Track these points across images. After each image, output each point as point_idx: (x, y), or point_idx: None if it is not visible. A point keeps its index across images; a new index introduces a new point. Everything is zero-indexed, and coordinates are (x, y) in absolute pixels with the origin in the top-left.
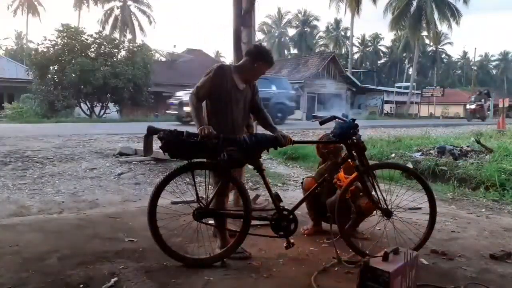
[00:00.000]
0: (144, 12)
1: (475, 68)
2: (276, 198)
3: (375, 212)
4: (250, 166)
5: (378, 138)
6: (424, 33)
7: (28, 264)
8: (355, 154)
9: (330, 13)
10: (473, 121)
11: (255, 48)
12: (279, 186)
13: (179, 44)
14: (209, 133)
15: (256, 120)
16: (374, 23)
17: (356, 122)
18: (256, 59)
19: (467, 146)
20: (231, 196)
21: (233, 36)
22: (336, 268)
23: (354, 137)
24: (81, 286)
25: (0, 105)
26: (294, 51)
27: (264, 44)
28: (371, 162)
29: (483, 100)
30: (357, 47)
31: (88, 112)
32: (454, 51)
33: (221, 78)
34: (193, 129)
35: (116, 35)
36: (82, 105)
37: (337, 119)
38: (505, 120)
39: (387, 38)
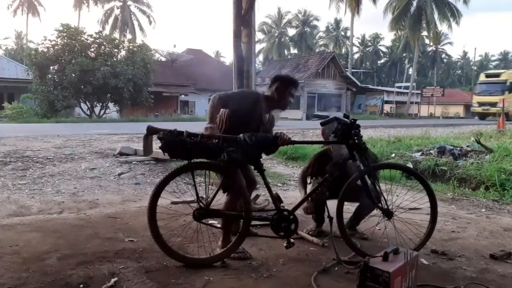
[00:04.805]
0: (144, 12)
1: (475, 68)
2: (276, 199)
3: (375, 212)
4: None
5: (378, 138)
6: (424, 33)
7: (28, 264)
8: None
9: (330, 13)
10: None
11: (277, 77)
12: (279, 186)
13: (179, 44)
14: (212, 134)
15: None
16: (374, 23)
17: (357, 122)
18: (284, 84)
19: (467, 146)
20: None
21: (233, 36)
22: (336, 268)
23: (355, 138)
24: (81, 286)
25: (0, 105)
26: (294, 51)
27: (264, 44)
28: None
29: None
30: (357, 47)
31: (88, 112)
32: (454, 51)
33: (253, 105)
34: (194, 129)
35: (116, 35)
36: (82, 105)
37: (338, 120)
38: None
39: (387, 38)
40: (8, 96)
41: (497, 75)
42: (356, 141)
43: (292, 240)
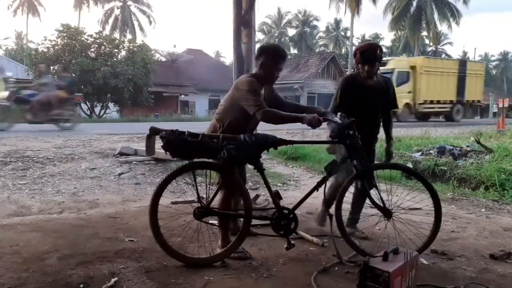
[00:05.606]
0: (144, 12)
1: None
2: (276, 196)
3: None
4: (250, 166)
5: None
6: (424, 33)
7: (28, 264)
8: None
9: (330, 13)
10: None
11: (263, 49)
12: (279, 186)
13: (179, 44)
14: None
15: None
16: (374, 23)
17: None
18: (271, 60)
19: (467, 146)
20: None
21: (233, 36)
22: (336, 268)
23: (351, 138)
24: (81, 286)
25: None
26: (294, 51)
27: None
28: None
29: None
30: None
31: (88, 112)
32: (454, 51)
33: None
34: (195, 129)
35: (116, 35)
36: (82, 105)
37: (336, 119)
38: (505, 120)
39: (387, 38)
40: None
41: (383, 64)
42: (354, 140)
43: (292, 241)
